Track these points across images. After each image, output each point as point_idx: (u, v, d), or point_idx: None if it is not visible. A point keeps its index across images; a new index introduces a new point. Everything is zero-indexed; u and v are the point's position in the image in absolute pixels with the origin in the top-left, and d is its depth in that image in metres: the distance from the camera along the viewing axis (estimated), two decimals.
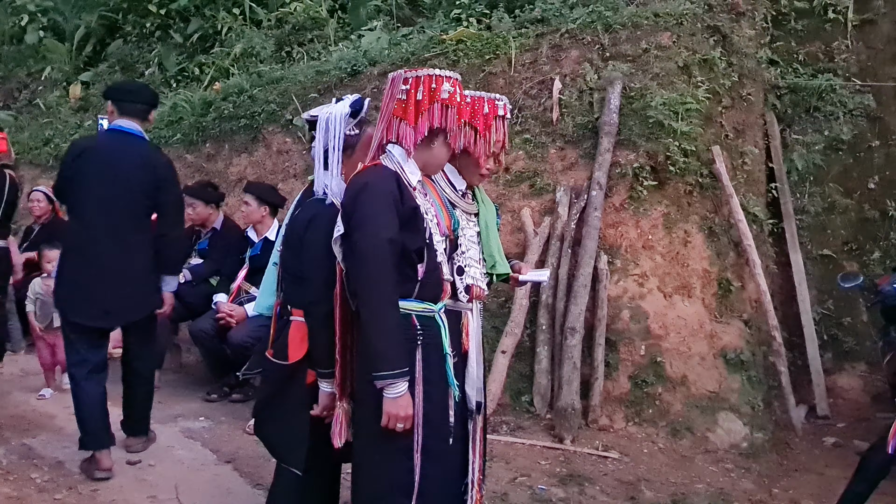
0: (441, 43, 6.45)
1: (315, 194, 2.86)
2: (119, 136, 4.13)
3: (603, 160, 5.30)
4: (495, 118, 2.76)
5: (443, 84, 2.57)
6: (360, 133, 2.88)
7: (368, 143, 2.86)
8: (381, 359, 2.42)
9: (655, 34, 5.76)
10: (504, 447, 4.55)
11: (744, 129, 5.91)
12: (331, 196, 2.79)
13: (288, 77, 7.24)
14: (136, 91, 4.35)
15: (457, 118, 2.60)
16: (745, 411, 4.84)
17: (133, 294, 4.07)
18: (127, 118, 4.15)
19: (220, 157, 7.32)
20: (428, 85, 2.57)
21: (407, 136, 2.58)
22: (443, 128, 2.59)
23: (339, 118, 2.80)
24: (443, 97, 2.56)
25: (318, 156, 2.84)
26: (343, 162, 2.84)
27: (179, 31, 9.36)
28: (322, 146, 2.82)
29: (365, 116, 2.90)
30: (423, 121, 2.56)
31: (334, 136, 2.79)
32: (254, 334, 4.97)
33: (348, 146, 2.85)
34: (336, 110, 2.82)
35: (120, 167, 4.03)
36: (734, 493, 4.18)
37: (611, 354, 4.97)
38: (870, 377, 5.88)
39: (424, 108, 2.56)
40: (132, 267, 4.05)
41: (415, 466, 2.48)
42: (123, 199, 4.01)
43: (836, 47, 6.49)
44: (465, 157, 2.78)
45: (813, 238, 6.27)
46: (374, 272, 2.44)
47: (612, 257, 5.19)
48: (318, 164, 2.84)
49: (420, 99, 2.56)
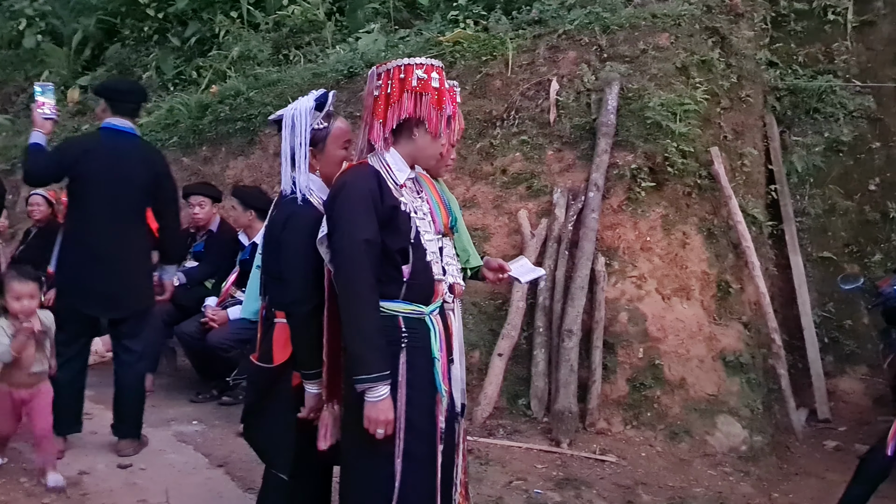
0: (438, 45, 6.43)
1: (284, 193, 2.81)
2: (116, 135, 4.21)
3: (600, 161, 5.26)
4: (455, 105, 2.67)
5: (413, 72, 2.49)
6: (329, 126, 2.82)
7: (339, 135, 2.82)
8: (360, 362, 2.38)
9: (653, 35, 5.75)
10: (500, 451, 4.50)
11: (743, 130, 5.87)
12: (299, 193, 2.73)
13: (285, 80, 7.23)
14: (129, 90, 4.43)
15: (434, 105, 2.51)
16: (745, 414, 4.78)
17: (131, 287, 4.19)
18: (120, 117, 4.23)
19: (216, 160, 7.29)
20: (397, 75, 2.50)
21: (376, 130, 2.53)
22: (418, 116, 2.51)
23: (305, 112, 2.74)
24: (413, 85, 2.48)
25: (284, 154, 2.78)
26: (315, 156, 2.79)
27: (177, 34, 9.35)
28: (289, 144, 2.76)
29: (331, 109, 2.84)
30: (393, 113, 2.50)
31: (301, 131, 2.73)
32: (232, 337, 5.02)
33: (317, 140, 2.79)
34: (300, 105, 2.77)
35: (121, 165, 4.14)
36: (733, 498, 4.13)
37: (608, 357, 4.92)
38: (871, 380, 5.83)
39: (394, 99, 2.49)
40: (131, 261, 4.19)
41: (395, 472, 2.43)
42: (124, 195, 4.14)
43: (835, 49, 6.47)
44: None
45: (813, 240, 6.22)
46: (351, 273, 2.40)
47: (610, 259, 5.14)
48: (285, 163, 2.79)
49: (390, 91, 2.50)
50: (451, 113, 2.59)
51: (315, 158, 2.80)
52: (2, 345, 3.52)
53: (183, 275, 5.65)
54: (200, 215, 5.73)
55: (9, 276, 3.68)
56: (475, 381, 5.01)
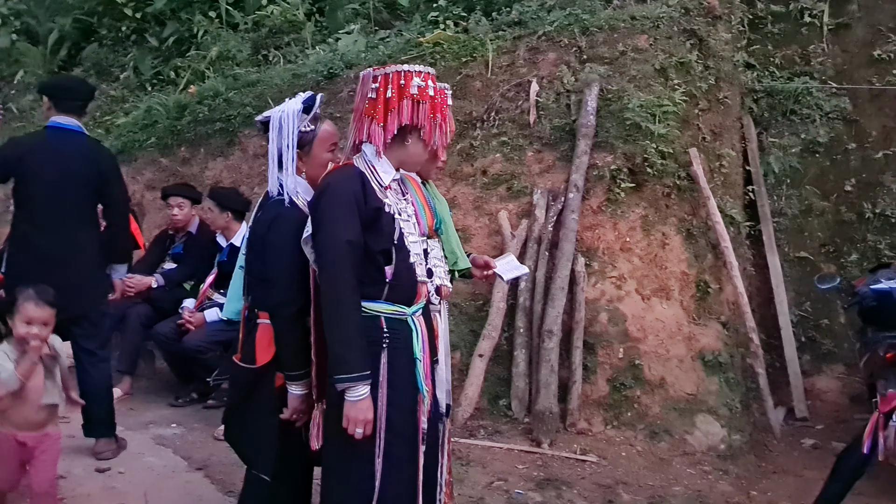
0: (418, 46, 6.42)
1: (270, 195, 2.81)
2: (61, 133, 4.17)
3: (580, 162, 5.28)
4: (447, 108, 2.69)
5: (412, 79, 2.53)
6: (316, 129, 2.83)
7: (326, 138, 2.83)
8: (340, 361, 2.39)
9: (632, 37, 5.77)
10: (481, 451, 4.50)
11: (721, 131, 5.91)
12: (286, 195, 2.73)
13: (264, 80, 7.18)
14: (74, 88, 4.41)
15: (429, 113, 2.55)
16: (723, 413, 4.82)
17: (81, 287, 4.09)
18: (65, 115, 4.19)
19: (195, 161, 7.23)
20: (397, 81, 2.53)
21: (376, 135, 2.54)
22: (415, 124, 2.55)
23: (292, 115, 2.76)
24: (412, 92, 2.52)
25: (272, 155, 2.79)
26: (301, 159, 2.80)
27: (155, 34, 9.26)
28: (276, 146, 2.77)
29: (318, 112, 2.85)
30: (393, 118, 2.53)
31: (288, 133, 2.74)
32: (209, 339, 5.01)
33: (304, 143, 2.80)
34: (288, 107, 2.78)
35: (65, 163, 4.09)
36: (712, 496, 4.16)
37: (589, 357, 4.94)
38: (848, 379, 5.89)
39: (394, 105, 2.52)
40: (79, 260, 4.12)
41: (376, 472, 2.43)
42: (70, 194, 4.08)
43: (812, 51, 6.53)
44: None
45: (790, 240, 6.28)
46: (333, 273, 2.42)
47: (590, 260, 5.16)
48: (272, 164, 2.79)
49: (389, 96, 2.52)
50: (443, 117, 2.62)
51: (301, 160, 2.82)
52: (5, 370, 3.08)
53: (161, 276, 5.61)
54: (179, 217, 5.70)
55: (24, 296, 3.17)
56: (456, 381, 4.97)
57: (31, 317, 3.14)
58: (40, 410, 3.20)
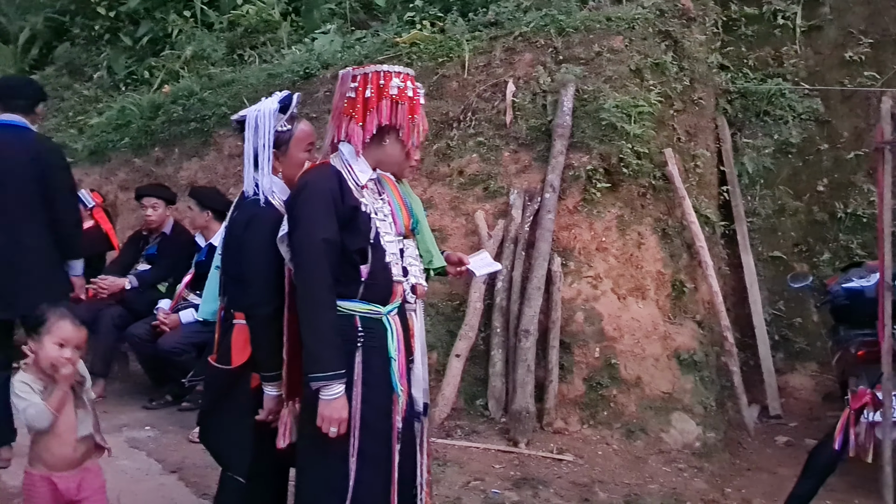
0: (395, 46, 6.41)
1: (246, 194, 2.79)
2: (3, 130, 4.14)
3: (556, 163, 5.29)
4: (421, 107, 2.68)
5: (392, 79, 2.52)
6: (293, 128, 2.82)
7: (303, 138, 2.82)
8: (315, 360, 2.39)
9: (608, 38, 5.79)
10: (458, 451, 4.50)
11: (695, 132, 5.96)
12: (262, 195, 2.72)
13: (239, 80, 7.14)
14: (18, 87, 4.40)
15: (408, 114, 2.55)
16: (699, 411, 4.85)
17: (32, 284, 4.01)
18: (10, 113, 4.17)
19: (169, 162, 7.17)
20: (376, 81, 2.53)
21: (355, 134, 2.54)
22: (393, 125, 2.54)
23: (269, 114, 2.74)
24: (391, 93, 2.51)
25: (247, 155, 2.77)
26: (278, 159, 2.78)
27: (129, 34, 9.19)
28: (252, 145, 2.75)
29: (295, 112, 2.84)
30: (372, 118, 2.52)
31: (264, 132, 2.73)
32: (184, 341, 4.97)
33: (281, 142, 2.79)
34: (264, 107, 2.77)
35: (8, 160, 4.05)
36: (687, 493, 4.18)
37: (565, 357, 4.95)
38: (820, 376, 5.97)
39: (373, 105, 2.52)
40: (28, 257, 4.05)
41: (350, 471, 2.42)
42: (14, 191, 4.03)
43: (784, 52, 6.60)
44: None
45: (764, 240, 6.35)
46: (309, 272, 2.41)
47: (566, 259, 5.18)
48: (248, 164, 2.78)
49: (369, 96, 2.52)
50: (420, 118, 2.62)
51: (278, 160, 2.80)
52: (34, 405, 2.64)
53: (135, 278, 5.56)
54: (153, 217, 5.65)
55: (58, 315, 2.77)
56: (433, 382, 4.95)
57: (67, 338, 2.73)
58: (77, 445, 2.76)
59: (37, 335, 2.73)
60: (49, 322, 2.73)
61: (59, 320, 2.74)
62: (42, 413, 2.64)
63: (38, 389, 2.69)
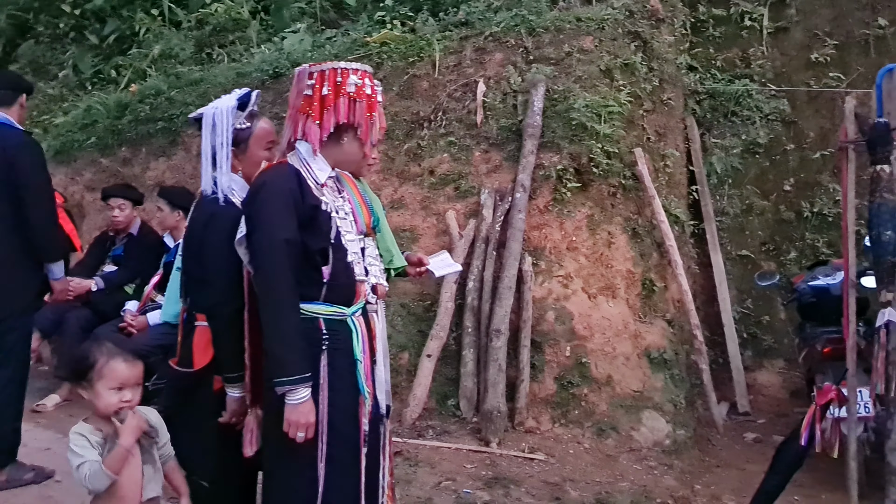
0: (365, 45, 6.38)
1: (204, 193, 2.75)
2: None
3: (527, 162, 5.30)
4: (378, 104, 2.63)
5: (349, 77, 2.47)
6: (252, 126, 2.77)
7: (263, 136, 2.78)
8: (279, 364, 2.34)
9: (578, 38, 5.82)
10: (430, 452, 4.48)
11: (665, 132, 6.01)
12: (221, 193, 2.67)
13: (208, 79, 7.07)
14: None
15: (366, 112, 2.50)
16: (669, 409, 4.89)
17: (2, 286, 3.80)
18: None
19: (136, 161, 7.07)
20: (333, 79, 2.47)
21: (312, 132, 2.49)
22: (351, 123, 2.50)
23: (226, 111, 2.70)
24: (349, 91, 2.47)
25: (205, 153, 2.72)
26: (237, 157, 2.74)
27: (95, 32, 9.05)
28: (210, 143, 2.70)
29: (254, 109, 2.79)
30: (329, 116, 2.47)
31: (222, 130, 2.68)
32: (152, 343, 4.86)
33: (240, 140, 2.74)
34: (222, 104, 2.72)
35: None
36: (657, 491, 4.21)
37: (536, 356, 4.95)
38: (788, 373, 6.05)
39: (330, 102, 2.47)
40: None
41: (319, 476, 2.39)
42: None
43: (752, 54, 6.69)
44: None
45: (732, 239, 6.42)
46: (270, 274, 2.36)
47: (537, 259, 5.19)
48: (205, 162, 2.73)
49: (326, 94, 2.47)
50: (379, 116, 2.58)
51: (237, 159, 2.75)
52: (90, 462, 2.26)
53: (101, 279, 5.47)
54: (120, 218, 5.56)
55: (106, 353, 2.36)
56: (404, 382, 4.98)
57: (124, 379, 2.35)
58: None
59: (87, 383, 2.34)
60: (99, 365, 2.33)
61: (109, 361, 2.34)
62: (98, 473, 2.25)
63: (96, 442, 2.31)
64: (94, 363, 2.33)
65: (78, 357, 2.38)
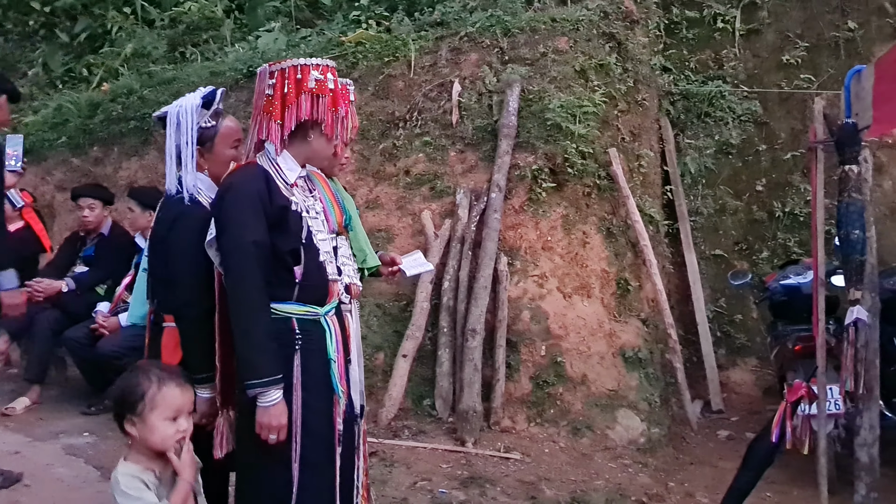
0: (340, 45, 6.36)
1: (169, 193, 2.72)
2: None
3: (502, 162, 5.31)
4: (349, 103, 2.61)
5: (310, 73, 2.45)
6: (217, 125, 2.75)
7: (229, 134, 2.76)
8: (250, 366, 2.33)
9: (553, 39, 5.84)
10: (405, 452, 4.47)
11: (639, 132, 6.04)
12: (186, 192, 2.65)
13: (181, 78, 7.00)
14: None
15: (330, 107, 2.47)
16: (643, 408, 4.92)
17: None
18: None
19: (108, 161, 7.00)
20: (294, 76, 2.45)
21: (274, 132, 2.47)
22: (315, 119, 2.47)
23: (191, 110, 2.67)
24: (310, 86, 2.44)
25: (169, 152, 2.70)
26: (203, 156, 2.71)
27: (65, 30, 8.95)
28: (174, 142, 2.68)
29: (220, 108, 2.77)
30: (291, 114, 2.45)
31: (187, 129, 2.65)
32: (124, 344, 4.84)
33: (206, 139, 2.72)
34: (186, 102, 2.69)
35: None
36: (631, 488, 4.23)
37: (512, 356, 4.96)
38: (760, 371, 6.10)
39: (291, 101, 2.44)
40: None
41: (293, 477, 2.38)
42: None
43: (724, 55, 6.74)
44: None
45: (706, 238, 6.47)
46: (240, 276, 2.35)
47: (512, 259, 5.20)
48: (170, 161, 2.70)
49: (287, 92, 2.45)
50: (345, 113, 2.55)
51: (203, 157, 2.73)
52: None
53: (72, 280, 5.40)
54: (90, 218, 5.50)
55: (154, 379, 2.12)
56: (380, 382, 4.97)
57: (179, 406, 2.12)
58: None
59: (137, 417, 2.09)
60: (150, 394, 2.09)
61: (161, 388, 2.11)
62: None
63: (150, 482, 2.09)
64: (145, 392, 2.10)
65: (125, 388, 2.14)
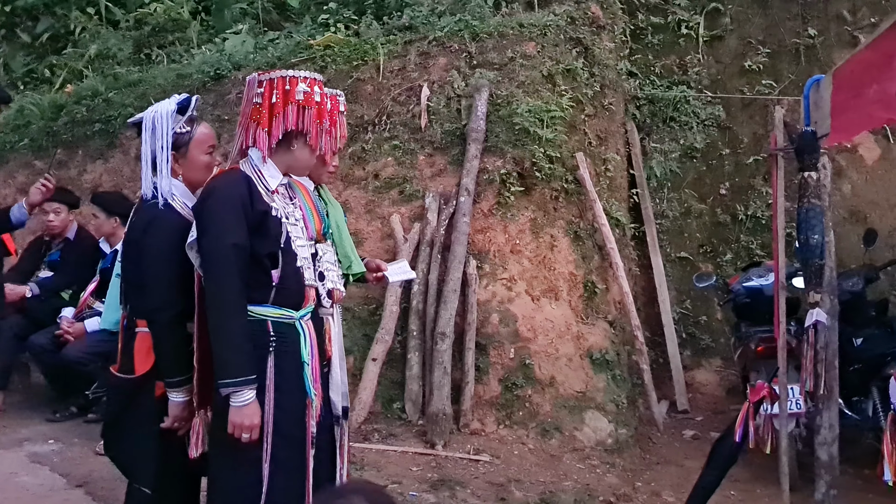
0: (308, 48, 6.35)
1: (144, 198, 2.73)
2: None
3: (471, 166, 5.35)
4: (339, 114, 2.69)
5: (297, 85, 2.52)
6: (192, 130, 2.77)
7: (203, 140, 2.78)
8: (224, 366, 2.37)
9: (521, 44, 5.89)
10: (376, 455, 4.48)
11: (606, 136, 6.12)
12: (161, 197, 2.66)
13: (147, 80, 6.94)
14: None
15: (315, 119, 2.55)
16: (611, 409, 4.98)
17: None
18: None
19: (72, 164, 6.90)
20: (282, 86, 2.52)
21: (261, 140, 2.53)
22: (300, 130, 2.54)
23: (166, 115, 2.69)
24: (297, 98, 2.51)
25: (145, 157, 2.71)
26: (178, 161, 2.72)
27: (27, 30, 8.79)
28: (150, 147, 2.69)
29: (194, 114, 2.79)
30: (278, 123, 2.52)
31: (162, 134, 2.67)
32: (90, 350, 4.80)
33: (180, 144, 2.73)
34: (161, 108, 2.71)
35: None
36: (600, 489, 4.29)
37: (481, 358, 4.99)
38: (724, 372, 6.22)
39: (279, 110, 2.51)
40: None
41: (263, 478, 2.40)
42: None
43: (689, 61, 6.86)
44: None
45: (671, 241, 6.57)
46: (218, 277, 2.40)
47: (481, 262, 5.23)
48: (145, 167, 2.71)
49: (274, 101, 2.52)
50: (332, 122, 2.61)
51: (178, 163, 2.74)
52: None
53: (36, 285, 5.33)
54: (55, 223, 5.42)
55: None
56: (350, 386, 4.91)
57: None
58: None
59: None
60: None
61: None
62: None
63: None
64: None
65: None
